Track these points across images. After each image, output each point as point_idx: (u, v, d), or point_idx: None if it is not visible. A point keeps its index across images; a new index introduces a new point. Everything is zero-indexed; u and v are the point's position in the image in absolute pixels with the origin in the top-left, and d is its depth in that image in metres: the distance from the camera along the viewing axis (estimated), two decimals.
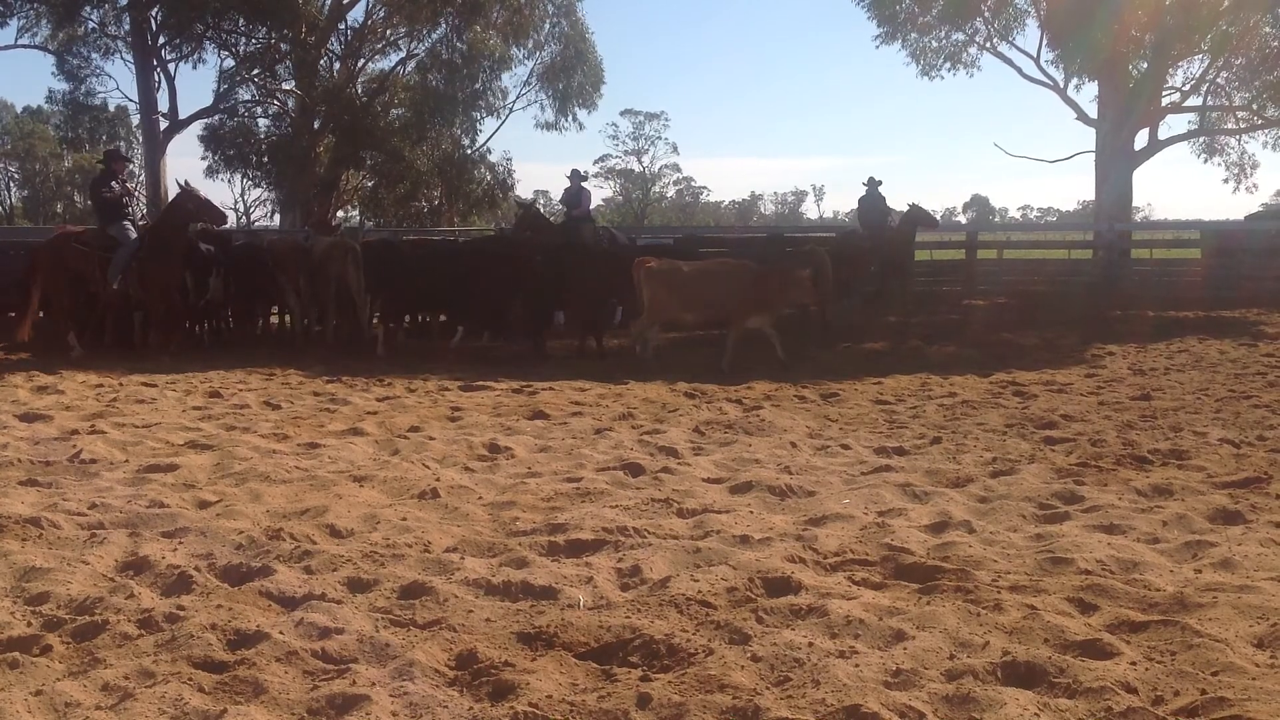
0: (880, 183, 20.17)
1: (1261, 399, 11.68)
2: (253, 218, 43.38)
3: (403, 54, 37.18)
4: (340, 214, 39.32)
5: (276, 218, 40.05)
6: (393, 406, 11.56)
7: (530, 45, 38.69)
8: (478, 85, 37.76)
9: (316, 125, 35.37)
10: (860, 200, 20.28)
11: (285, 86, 35.97)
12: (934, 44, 30.13)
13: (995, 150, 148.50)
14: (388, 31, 36.55)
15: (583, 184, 20.53)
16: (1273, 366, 14.37)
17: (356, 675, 4.56)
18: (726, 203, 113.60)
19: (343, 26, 35.91)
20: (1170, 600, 5.45)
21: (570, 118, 40.97)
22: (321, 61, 35.55)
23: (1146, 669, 4.62)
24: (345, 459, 8.84)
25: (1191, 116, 30.37)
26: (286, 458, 8.87)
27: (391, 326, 17.53)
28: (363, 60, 37.16)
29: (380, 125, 35.62)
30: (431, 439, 9.68)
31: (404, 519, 6.98)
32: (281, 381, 13.46)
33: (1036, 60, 29.14)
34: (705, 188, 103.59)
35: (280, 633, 4.99)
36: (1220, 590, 5.58)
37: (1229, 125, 30.64)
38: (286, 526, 6.72)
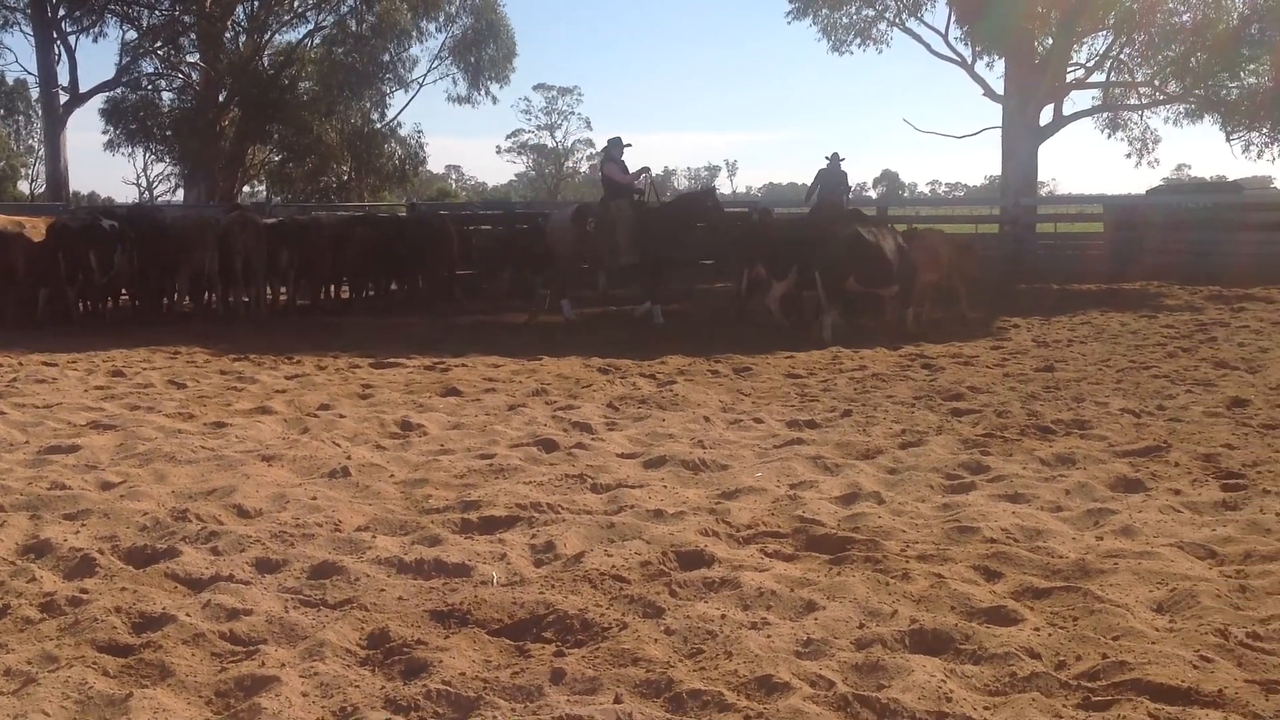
0: (843, 159, 19.94)
1: (1161, 369, 11.97)
2: (156, 193, 42.36)
3: (311, 26, 36.58)
4: (246, 189, 38.69)
5: (180, 193, 39.26)
6: (302, 384, 11.42)
7: (441, 18, 38.25)
8: (387, 58, 37.28)
9: (222, 98, 34.72)
10: (819, 173, 20.02)
11: (190, 59, 35.26)
12: (844, 20, 30.32)
13: (904, 126, 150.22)
14: (295, 3, 35.91)
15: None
16: (1172, 338, 14.73)
17: (266, 656, 4.51)
18: (641, 177, 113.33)
19: None
20: (1073, 567, 5.58)
21: (483, 91, 40.56)
22: (227, 34, 34.88)
23: (1050, 634, 4.73)
24: (253, 438, 8.72)
25: (1095, 92, 30.92)
26: (192, 437, 8.73)
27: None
28: (270, 33, 36.47)
29: (288, 98, 35.03)
30: (342, 417, 9.59)
31: (314, 498, 6.90)
32: (187, 360, 13.23)
33: (945, 37, 29.50)
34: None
35: (187, 615, 4.91)
36: (1121, 557, 5.72)
37: (1132, 101, 31.22)
38: (193, 507, 6.61)
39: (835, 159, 20.00)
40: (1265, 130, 28.53)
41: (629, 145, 18.15)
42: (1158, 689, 4.15)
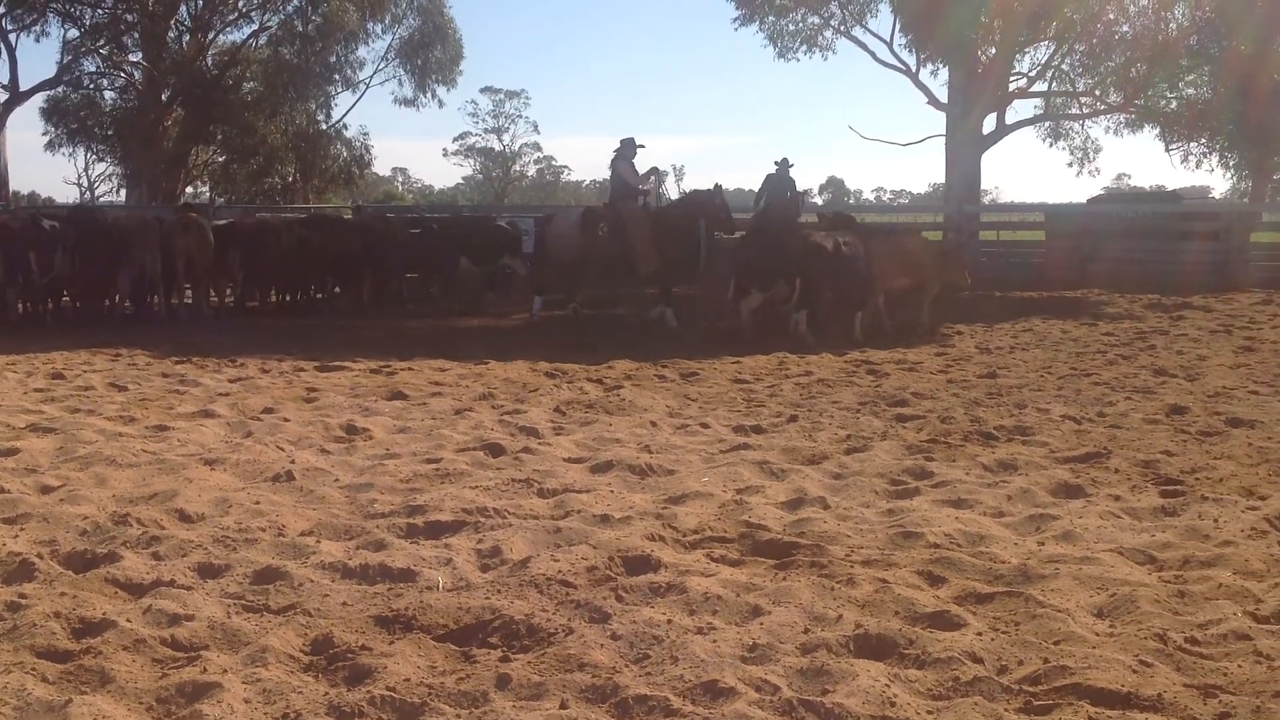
0: (792, 165, 19.99)
1: (1101, 376, 12.13)
2: (97, 193, 41.77)
3: (255, 26, 36.29)
4: (189, 190, 38.30)
5: (122, 193, 38.80)
6: (246, 387, 11.31)
7: (388, 19, 38.05)
8: (333, 59, 37.09)
9: (165, 98, 34.34)
10: (767, 179, 20.05)
11: (132, 58, 34.85)
12: (790, 27, 30.42)
13: (850, 133, 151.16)
14: (240, 3, 35.60)
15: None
16: (1112, 345, 14.93)
17: (207, 663, 4.47)
18: (588, 182, 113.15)
19: None
20: (1014, 572, 5.64)
21: (429, 94, 40.42)
22: (170, 33, 34.49)
23: (992, 639, 4.77)
24: (195, 441, 8.62)
25: (1037, 102, 31.27)
26: (134, 441, 8.62)
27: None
28: (214, 32, 36.13)
29: (231, 99, 34.75)
30: (286, 420, 9.51)
31: (257, 502, 6.84)
32: (128, 362, 13.07)
33: (889, 45, 29.69)
34: (566, 167, 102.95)
35: (127, 620, 4.85)
36: (1062, 562, 5.79)
37: (1073, 111, 31.60)
38: (134, 511, 6.53)
39: (784, 164, 19.97)
40: (1203, 141, 29.01)
41: (642, 146, 18.12)
42: (1098, 693, 4.21)
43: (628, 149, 18.05)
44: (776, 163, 19.64)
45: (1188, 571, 5.69)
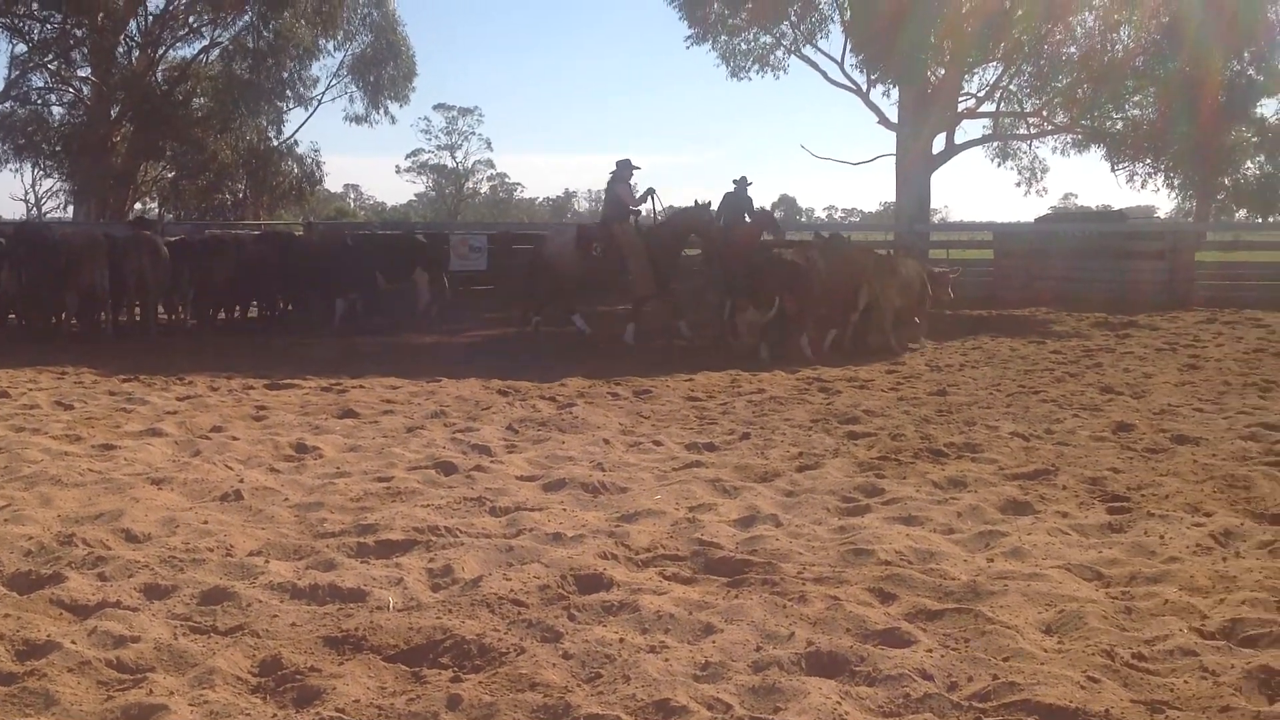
0: (750, 183, 20.02)
1: (1049, 394, 12.25)
2: (44, 209, 41.27)
3: (206, 41, 35.99)
4: (138, 206, 37.89)
5: (70, 209, 38.31)
6: (194, 405, 11.20)
7: (340, 36, 37.87)
8: (285, 75, 36.80)
9: (114, 114, 34.00)
10: (725, 196, 20.11)
11: (81, 74, 34.46)
12: (743, 46, 30.55)
13: (802, 151, 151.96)
14: (190, 18, 35.32)
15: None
16: (1060, 363, 15.09)
17: (154, 684, 4.41)
18: (541, 199, 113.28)
19: (143, 12, 34.54)
20: (964, 589, 5.68)
21: (382, 111, 40.20)
22: (120, 48, 34.15)
23: (942, 656, 4.80)
24: (143, 460, 8.53)
25: (986, 122, 31.59)
26: (79, 460, 8.51)
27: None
28: (164, 48, 35.81)
29: (181, 114, 34.42)
30: (235, 439, 9.42)
31: (205, 522, 6.77)
32: (74, 380, 12.91)
33: (841, 65, 29.90)
34: (519, 184, 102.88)
35: (72, 642, 4.79)
36: (1011, 578, 5.83)
37: (1021, 131, 31.96)
38: (79, 531, 6.44)
39: (743, 183, 20.04)
40: (1149, 161, 29.36)
41: (638, 168, 18.31)
42: (1046, 709, 4.24)
43: (624, 170, 18.24)
44: (735, 181, 19.74)
45: (1134, 588, 5.75)
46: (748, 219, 19.29)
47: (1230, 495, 7.63)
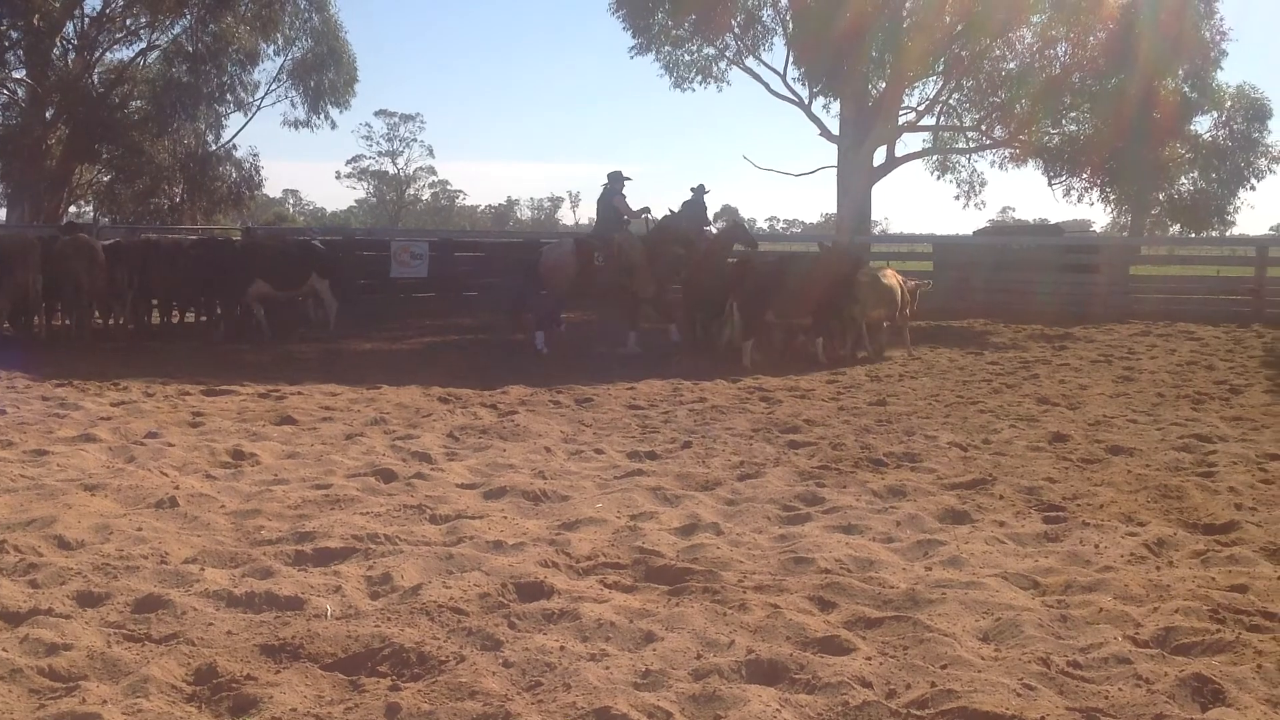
0: (708, 191, 20.13)
1: (987, 405, 12.38)
2: None
3: (144, 44, 35.61)
4: (73, 209, 37.38)
5: (3, 212, 37.73)
6: (128, 411, 11.04)
7: (281, 40, 37.61)
8: (225, 79, 36.49)
9: (49, 116, 33.52)
10: (683, 204, 20.17)
11: (16, 75, 33.95)
12: (686, 57, 30.74)
13: (744, 162, 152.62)
14: (128, 21, 34.90)
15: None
16: (997, 374, 15.26)
17: (87, 693, 4.33)
18: (483, 207, 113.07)
19: (79, 14, 34.08)
20: (903, 597, 5.72)
21: (322, 116, 40.03)
22: (56, 50, 33.69)
23: (881, 663, 4.83)
24: (76, 467, 8.39)
25: (926, 135, 31.99)
26: (10, 465, 8.35)
27: None
28: (101, 50, 35.37)
29: (118, 117, 34.03)
30: (170, 445, 9.30)
31: (139, 529, 6.67)
32: (7, 385, 12.66)
33: (783, 77, 30.14)
34: (461, 191, 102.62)
35: (3, 650, 4.69)
36: (949, 587, 5.88)
37: (960, 145, 32.34)
38: (10, 538, 6.32)
39: (700, 190, 20.09)
40: (1085, 176, 29.81)
41: (629, 179, 18.61)
42: (983, 716, 4.27)
43: (617, 182, 18.52)
44: (693, 189, 19.84)
45: (1070, 596, 5.81)
46: (712, 229, 19.64)
47: (1164, 505, 7.75)
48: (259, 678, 4.57)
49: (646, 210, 19.15)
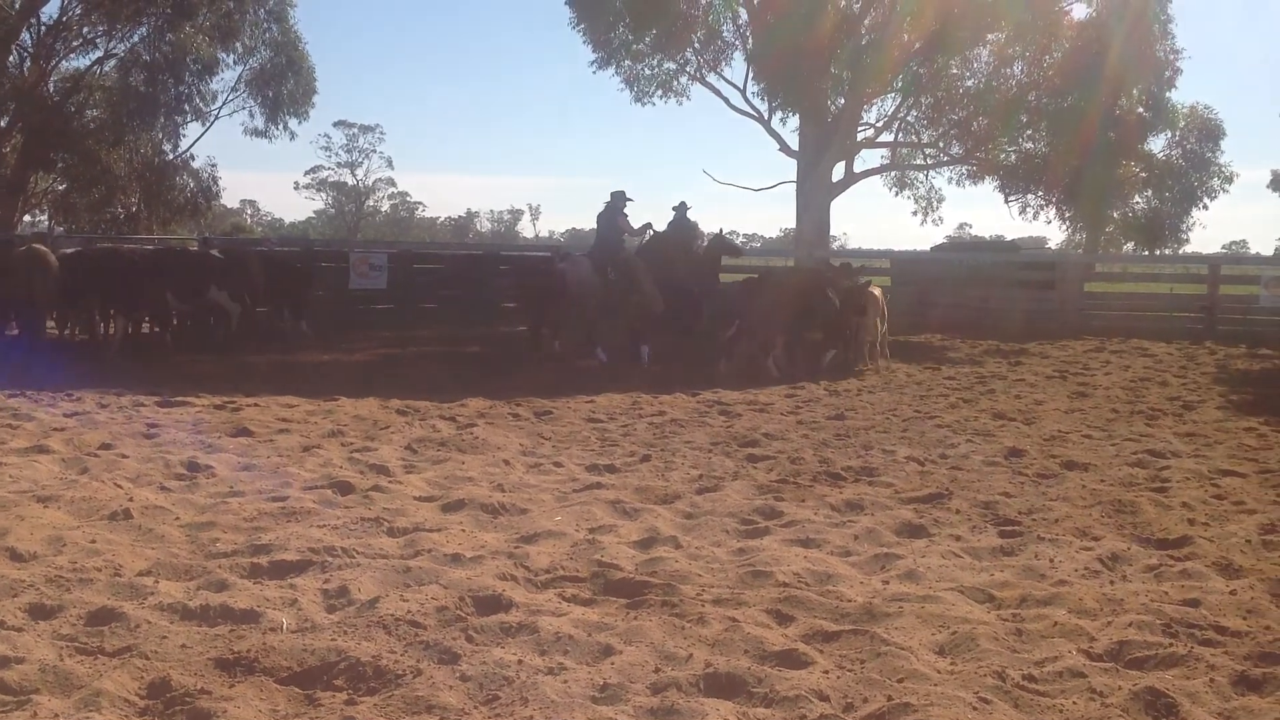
0: (689, 207, 20.21)
1: (944, 419, 12.46)
2: None
3: (101, 53, 35.28)
4: (27, 218, 36.99)
5: None
6: (82, 422, 10.90)
7: (240, 50, 37.37)
8: (183, 88, 36.20)
9: (4, 124, 33.16)
10: (669, 224, 20.24)
11: None
12: (647, 71, 30.78)
13: (704, 177, 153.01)
14: (85, 29, 34.58)
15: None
16: (954, 389, 15.36)
17: (38, 707, 4.28)
18: (442, 219, 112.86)
19: (35, 22, 33.73)
20: (860, 610, 5.74)
21: (281, 126, 39.72)
22: (11, 58, 33.34)
23: (838, 677, 4.84)
24: (28, 478, 8.28)
25: (884, 152, 32.19)
26: None
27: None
28: (57, 58, 35.03)
29: (74, 126, 33.71)
30: (125, 457, 9.20)
31: (93, 541, 6.59)
32: None
33: (743, 92, 30.25)
34: (421, 203, 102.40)
35: None
36: (906, 600, 5.91)
37: (918, 161, 32.57)
38: None
39: (682, 208, 20.16)
40: (1040, 193, 30.07)
41: (631, 200, 19.02)
42: None
43: (619, 200, 18.86)
44: (674, 208, 20.00)
45: (1025, 610, 5.86)
46: (702, 243, 19.97)
47: (1118, 520, 7.83)
48: (213, 691, 4.53)
49: (649, 226, 19.56)
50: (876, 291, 18.05)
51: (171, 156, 37.80)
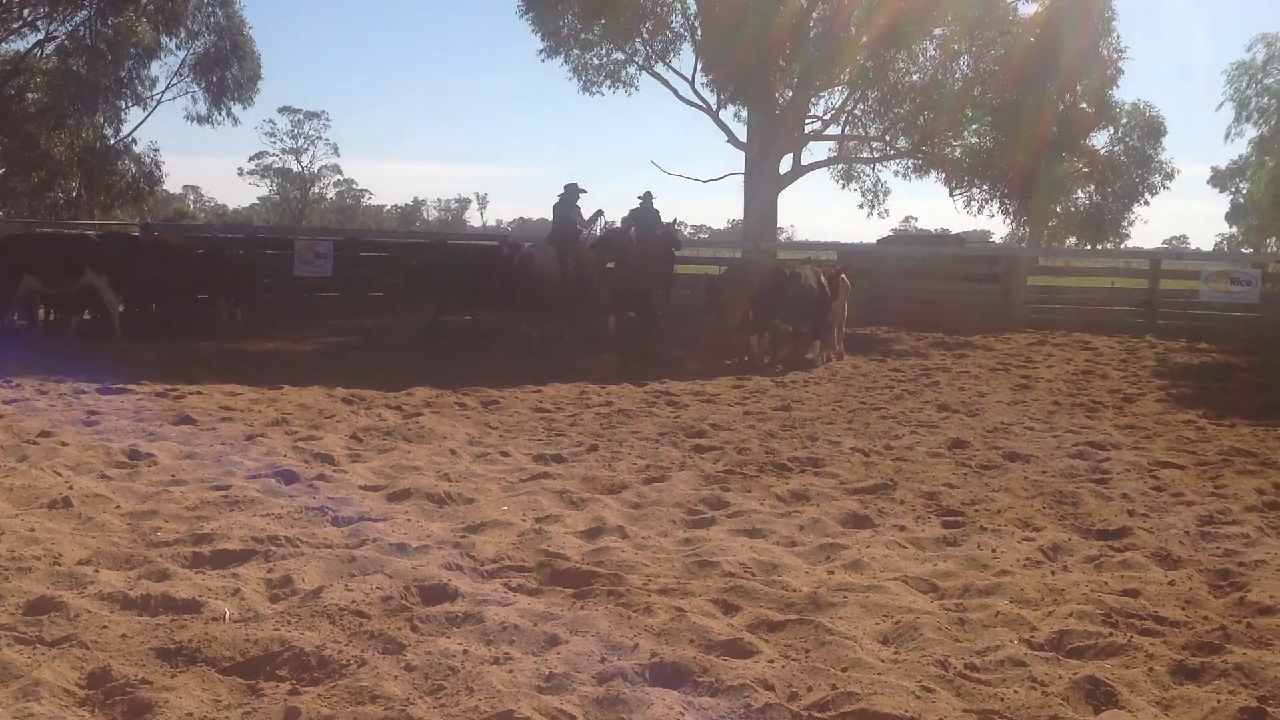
0: (655, 197, 20.22)
1: (889, 410, 12.56)
2: None
3: (42, 35, 34.72)
4: None
5: None
6: (21, 409, 10.73)
7: (183, 34, 36.92)
8: (124, 73, 35.73)
9: None
10: (632, 212, 20.19)
11: None
12: (595, 61, 30.67)
13: (653, 167, 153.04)
14: (25, 11, 34.01)
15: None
16: (899, 381, 15.48)
17: None
18: (389, 207, 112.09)
19: None
20: (805, 600, 5.78)
21: (224, 112, 39.35)
22: None
23: (783, 666, 4.87)
24: None
25: (832, 144, 32.28)
26: None
27: None
28: None
29: (13, 110, 33.16)
30: (64, 444, 9.07)
31: (31, 530, 6.50)
32: None
33: (692, 83, 30.20)
34: (367, 191, 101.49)
35: None
36: (850, 590, 5.95)
37: (864, 154, 32.72)
38: None
39: (648, 198, 20.14)
40: (985, 187, 30.32)
41: (584, 192, 19.23)
42: (883, 718, 4.33)
43: (572, 194, 19.01)
44: (640, 197, 20.00)
45: (967, 600, 5.92)
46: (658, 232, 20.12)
47: (1059, 511, 7.93)
48: (154, 681, 4.49)
49: (600, 214, 19.89)
50: (846, 278, 18.71)
51: (113, 141, 37.39)
